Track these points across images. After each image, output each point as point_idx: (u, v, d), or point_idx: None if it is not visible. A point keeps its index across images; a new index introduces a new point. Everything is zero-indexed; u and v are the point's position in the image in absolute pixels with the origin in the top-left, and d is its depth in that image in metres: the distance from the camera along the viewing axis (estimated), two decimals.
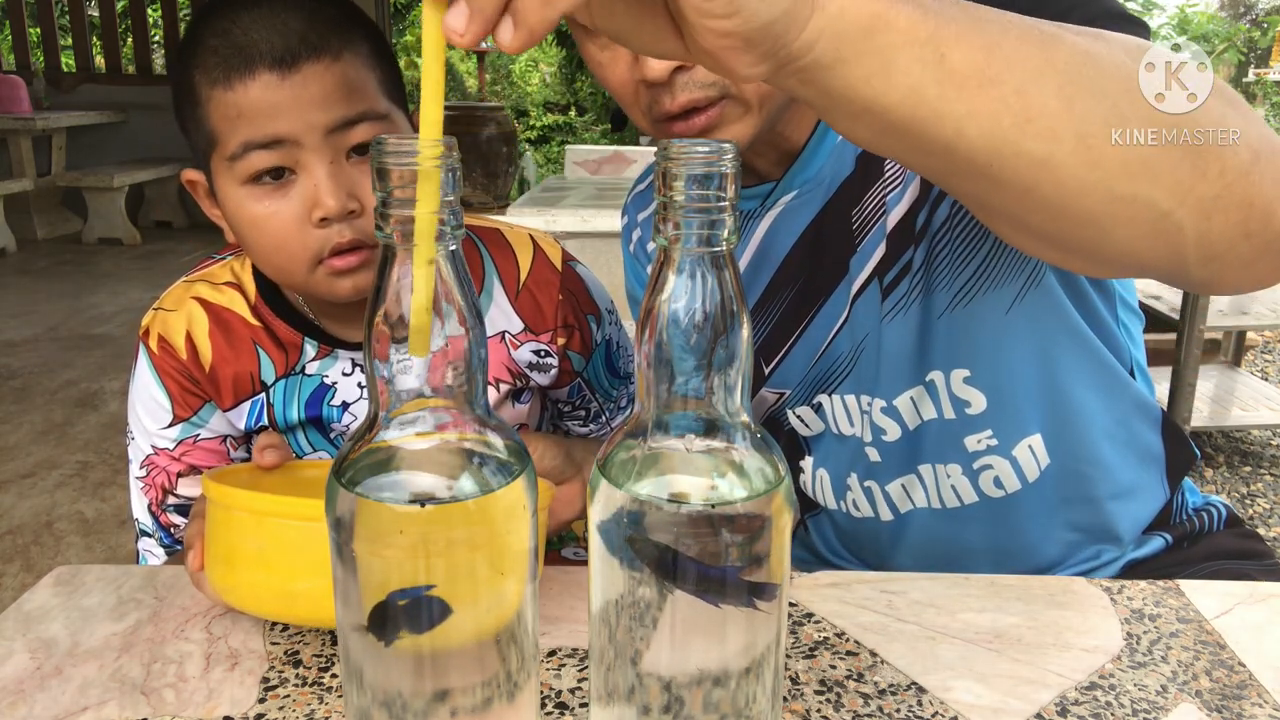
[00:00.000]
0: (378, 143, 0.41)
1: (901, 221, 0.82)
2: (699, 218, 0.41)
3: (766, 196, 0.88)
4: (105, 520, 2.61)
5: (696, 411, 0.44)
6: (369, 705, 0.46)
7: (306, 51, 0.76)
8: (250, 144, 0.77)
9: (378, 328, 0.43)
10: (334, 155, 0.78)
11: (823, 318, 0.89)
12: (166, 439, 0.91)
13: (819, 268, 0.88)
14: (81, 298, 4.88)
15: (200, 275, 0.94)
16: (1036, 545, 0.91)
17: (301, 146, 0.77)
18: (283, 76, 0.76)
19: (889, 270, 0.83)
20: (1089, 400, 0.87)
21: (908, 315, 0.84)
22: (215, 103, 0.78)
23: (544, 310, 0.95)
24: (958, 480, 0.88)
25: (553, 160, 8.64)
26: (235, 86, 0.76)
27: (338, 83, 0.78)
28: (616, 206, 2.61)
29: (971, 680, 0.66)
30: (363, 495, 0.43)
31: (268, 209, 0.79)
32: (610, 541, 0.45)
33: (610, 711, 0.47)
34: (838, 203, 0.85)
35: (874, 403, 0.88)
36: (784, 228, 0.88)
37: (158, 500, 0.92)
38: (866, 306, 0.85)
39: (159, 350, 0.91)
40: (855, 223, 0.84)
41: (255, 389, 0.91)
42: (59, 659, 0.68)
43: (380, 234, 0.41)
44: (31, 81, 6.37)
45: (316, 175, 0.78)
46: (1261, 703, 0.64)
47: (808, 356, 0.91)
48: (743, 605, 0.44)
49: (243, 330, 0.91)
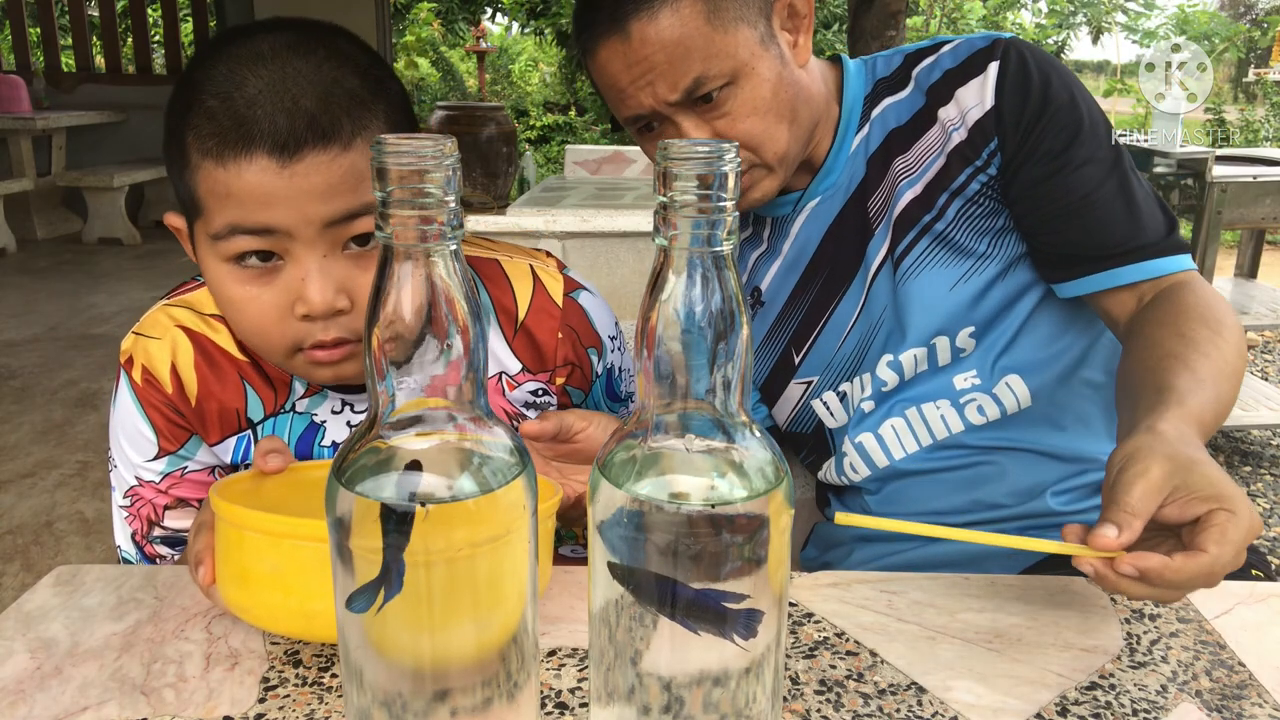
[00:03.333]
0: (378, 142, 0.41)
1: (907, 208, 0.98)
2: (699, 218, 0.41)
3: (797, 202, 1.04)
4: (105, 520, 2.60)
5: (696, 411, 0.44)
6: (369, 705, 0.46)
7: (313, 139, 0.69)
8: (237, 228, 0.71)
9: (377, 328, 0.43)
10: (328, 248, 0.72)
11: (845, 303, 1.02)
12: (152, 472, 0.88)
13: (842, 256, 1.02)
14: (81, 298, 4.87)
15: (183, 301, 0.89)
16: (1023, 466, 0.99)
17: (293, 238, 0.71)
18: (283, 165, 0.69)
19: (897, 246, 0.98)
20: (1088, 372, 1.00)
21: (919, 281, 0.97)
22: (205, 174, 0.71)
23: (543, 350, 0.91)
24: (946, 412, 0.99)
25: (553, 160, 8.63)
26: (229, 164, 0.69)
27: (344, 174, 0.70)
28: (616, 206, 2.61)
29: (971, 680, 0.66)
30: (362, 495, 0.43)
31: (249, 293, 0.73)
32: (610, 541, 0.45)
33: (610, 711, 0.47)
34: (856, 199, 1.01)
35: (883, 356, 1.00)
36: (813, 226, 1.04)
37: (142, 532, 0.89)
38: (883, 284, 1.00)
39: (142, 382, 0.86)
40: (871, 212, 1.01)
41: (241, 425, 0.87)
42: (59, 659, 0.68)
43: (380, 234, 0.41)
44: (31, 81, 6.37)
45: (306, 268, 0.71)
46: (1261, 703, 0.64)
47: (833, 341, 1.03)
48: (722, 636, 0.44)
49: (229, 365, 0.86)
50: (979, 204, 0.97)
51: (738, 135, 0.91)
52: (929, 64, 0.99)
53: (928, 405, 1.00)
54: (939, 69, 0.98)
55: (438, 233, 0.41)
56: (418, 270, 0.42)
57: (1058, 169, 0.93)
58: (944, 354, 0.98)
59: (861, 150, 1.01)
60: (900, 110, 1.00)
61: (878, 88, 1.02)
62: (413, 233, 0.41)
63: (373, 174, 0.41)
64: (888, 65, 1.03)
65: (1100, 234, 0.93)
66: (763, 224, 1.08)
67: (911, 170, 0.98)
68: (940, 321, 0.98)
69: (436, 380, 0.44)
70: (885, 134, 1.00)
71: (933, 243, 0.97)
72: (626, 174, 3.34)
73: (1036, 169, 0.94)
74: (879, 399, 1.01)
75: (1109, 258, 0.93)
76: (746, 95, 0.91)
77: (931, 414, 1.00)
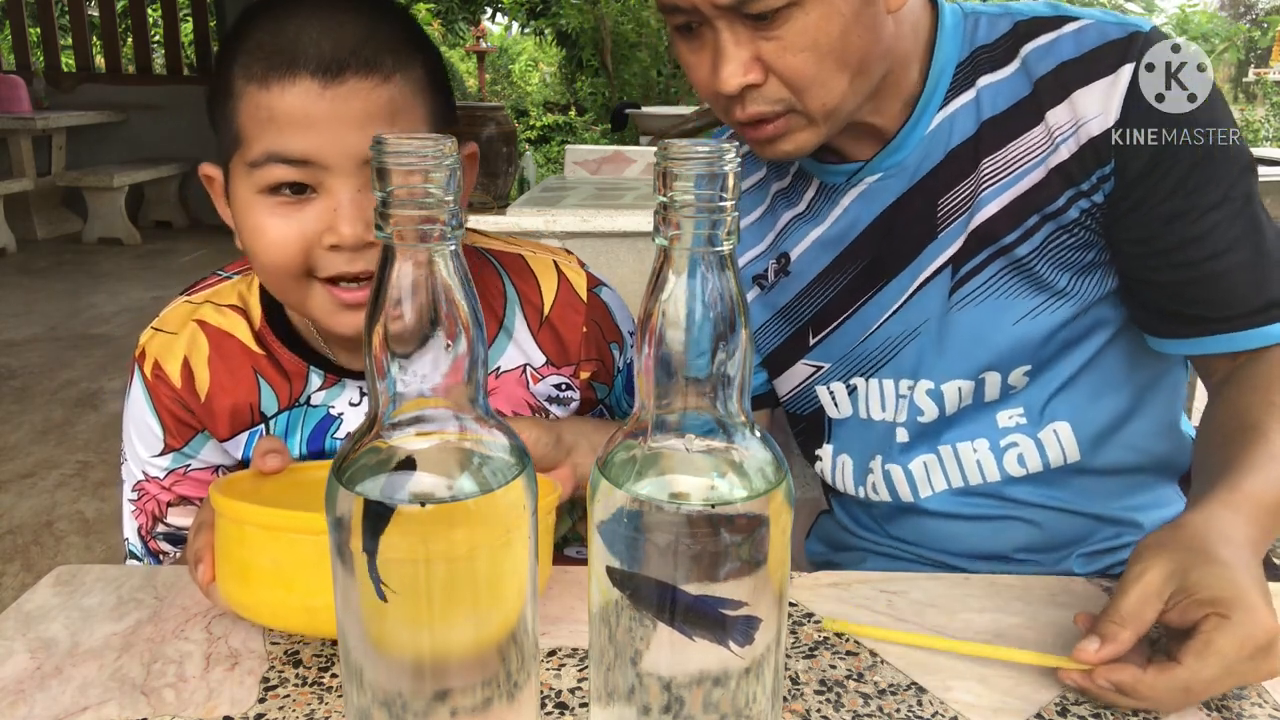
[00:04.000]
0: (377, 141, 0.41)
1: (989, 221, 0.84)
2: (700, 218, 0.41)
3: (853, 174, 0.89)
4: (105, 520, 2.60)
5: (696, 411, 0.44)
6: (369, 705, 0.46)
7: (356, 65, 0.71)
8: (274, 156, 0.72)
9: (378, 327, 0.43)
10: (362, 183, 0.73)
11: (883, 297, 0.90)
12: (157, 467, 0.88)
13: (891, 249, 0.89)
14: (81, 298, 4.87)
15: (205, 295, 0.89)
16: (1055, 520, 0.92)
17: (329, 169, 0.72)
18: (325, 86, 0.70)
19: (965, 263, 0.86)
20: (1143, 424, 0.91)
21: (981, 309, 0.86)
22: (248, 100, 0.73)
23: (568, 344, 0.91)
24: (983, 456, 0.90)
25: (553, 160, 8.63)
26: (272, 87, 0.71)
27: (382, 106, 0.72)
28: (616, 206, 2.61)
29: (971, 680, 0.66)
30: (362, 495, 0.43)
31: (277, 222, 0.74)
32: (610, 541, 0.45)
33: (610, 711, 0.47)
34: (924, 187, 0.87)
35: (918, 385, 0.90)
36: (865, 206, 0.90)
37: (147, 527, 0.90)
38: (936, 291, 0.87)
39: (153, 377, 0.86)
40: (941, 211, 0.86)
41: (254, 420, 0.87)
42: (59, 659, 0.68)
43: (380, 234, 0.41)
44: (31, 81, 6.37)
45: (339, 199, 0.72)
46: (1261, 703, 0.64)
47: (857, 333, 0.92)
48: (719, 643, 0.44)
49: (243, 358, 0.86)
50: (1073, 234, 0.83)
51: (784, 69, 0.77)
52: (1044, 45, 0.82)
53: (964, 445, 0.90)
54: (1055, 56, 0.82)
55: (438, 233, 0.41)
56: (418, 270, 0.42)
57: (1183, 211, 0.80)
58: (992, 390, 0.88)
59: (944, 133, 0.86)
60: (999, 95, 0.84)
61: (976, 56, 0.85)
62: (413, 232, 0.41)
63: (372, 174, 0.41)
64: (991, 29, 0.86)
65: (1225, 293, 0.81)
66: (805, 182, 0.94)
67: (1000, 176, 0.84)
68: (994, 357, 0.87)
69: (437, 380, 0.44)
70: (978, 123, 0.84)
71: (1007, 267, 0.84)
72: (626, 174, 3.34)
73: (1159, 208, 0.80)
74: (914, 430, 0.92)
75: (1228, 319, 0.81)
76: (810, 25, 0.75)
77: (967, 455, 0.90)
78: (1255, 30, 9.62)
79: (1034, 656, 0.66)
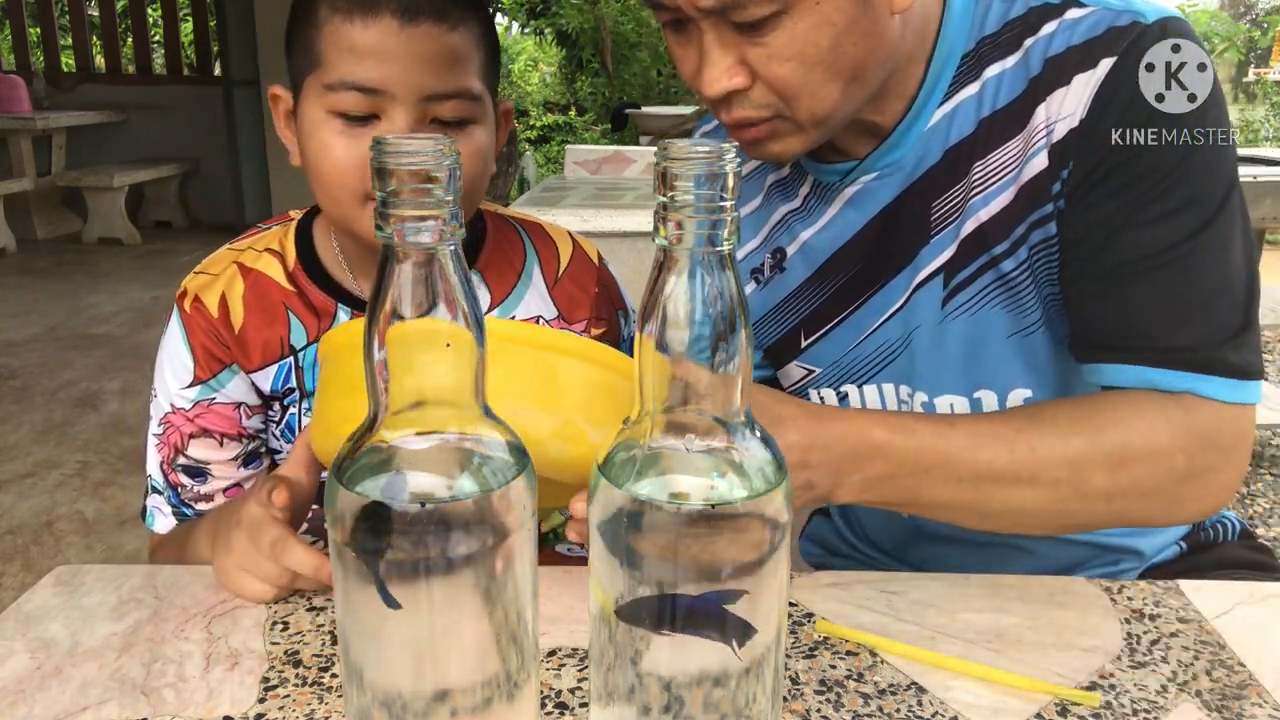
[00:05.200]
0: (377, 142, 0.41)
1: (980, 229, 0.79)
2: (700, 218, 0.41)
3: (847, 173, 0.86)
4: (105, 520, 2.60)
5: (696, 411, 0.44)
6: (369, 705, 0.46)
7: (429, 12, 0.80)
8: (350, 83, 0.80)
9: (377, 326, 0.43)
10: (419, 118, 0.81)
11: (876, 303, 0.87)
12: (185, 399, 0.93)
13: (884, 253, 0.85)
14: (81, 298, 4.87)
15: (247, 242, 0.96)
16: (1053, 548, 0.91)
17: (395, 100, 0.80)
18: (402, 27, 0.79)
19: (958, 272, 0.81)
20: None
21: (974, 321, 0.82)
22: (331, 29, 0.81)
23: (579, 301, 0.99)
24: None
25: (553, 160, 8.63)
26: (356, 21, 0.79)
27: (448, 51, 0.81)
28: (616, 206, 2.61)
29: (971, 680, 0.66)
30: (363, 495, 0.43)
31: (341, 142, 0.82)
32: (610, 541, 0.45)
33: (610, 711, 0.47)
34: (919, 190, 0.82)
35: (915, 395, 0.87)
36: (859, 206, 0.86)
37: (169, 459, 0.94)
38: (928, 299, 0.84)
39: (191, 310, 0.92)
40: (935, 214, 0.82)
41: (284, 352, 0.93)
42: (59, 659, 0.68)
43: (380, 234, 0.41)
44: (31, 81, 6.37)
45: (398, 127, 0.81)
46: (1261, 703, 0.64)
47: (849, 338, 0.89)
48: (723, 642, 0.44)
49: (276, 295, 0.93)
50: (1054, 247, 0.77)
51: (771, 77, 0.72)
52: (1045, 36, 0.76)
53: None
54: (1051, 48, 0.75)
55: (439, 232, 0.41)
56: (418, 270, 0.42)
57: (1119, 217, 0.73)
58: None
59: (943, 130, 0.80)
60: (1001, 89, 0.78)
61: (982, 47, 0.79)
62: (413, 232, 0.41)
63: (372, 174, 0.41)
64: (1004, 13, 0.79)
65: (1134, 316, 0.73)
66: (802, 177, 0.90)
67: (990, 181, 0.78)
68: (987, 374, 0.82)
69: (437, 380, 0.44)
70: (978, 121, 0.79)
71: (997, 281, 0.80)
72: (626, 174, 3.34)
73: (1098, 210, 0.74)
74: None
75: (1126, 349, 0.73)
76: (798, 34, 0.70)
77: None
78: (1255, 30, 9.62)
79: (1026, 681, 0.64)
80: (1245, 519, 2.65)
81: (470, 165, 0.84)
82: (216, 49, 6.71)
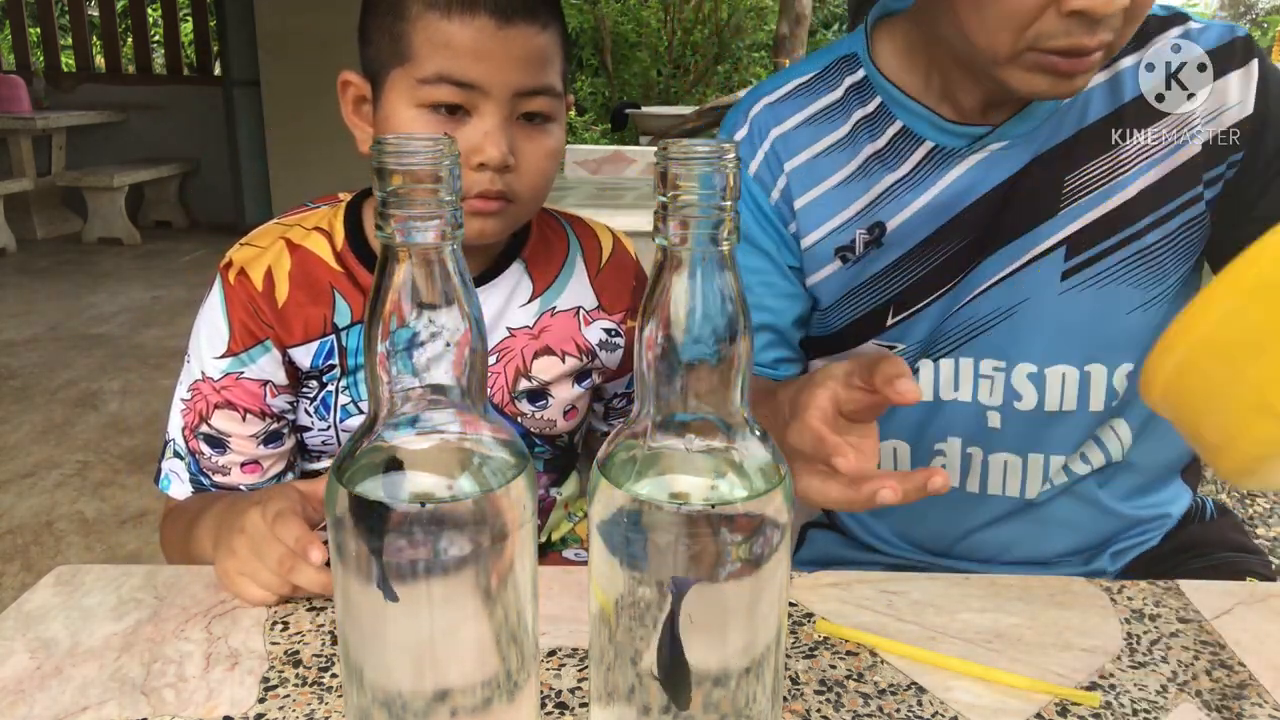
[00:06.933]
0: (378, 142, 0.41)
1: (1127, 205, 0.85)
2: (700, 218, 0.41)
3: (977, 139, 0.86)
4: (105, 520, 2.60)
5: (696, 411, 0.44)
6: (369, 705, 0.46)
7: (524, 13, 0.82)
8: (446, 77, 0.81)
9: (378, 327, 0.43)
10: (508, 113, 0.83)
11: (976, 275, 0.88)
12: (216, 369, 0.93)
13: (1000, 223, 0.86)
14: (81, 298, 4.87)
15: (295, 219, 0.96)
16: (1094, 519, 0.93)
17: (487, 95, 0.81)
18: (499, 27, 0.80)
19: (1088, 245, 0.85)
20: None
21: (1100, 294, 0.86)
22: (425, 23, 0.81)
23: (620, 292, 1.00)
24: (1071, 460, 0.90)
25: None
26: (454, 18, 0.80)
27: (538, 50, 0.83)
28: (616, 206, 2.61)
29: (971, 680, 0.66)
30: (363, 495, 0.43)
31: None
32: (610, 541, 0.45)
33: (610, 711, 0.47)
34: (1048, 161, 0.86)
35: (1016, 367, 0.88)
36: (982, 175, 0.87)
37: (192, 425, 0.94)
38: (1047, 270, 0.86)
39: (235, 280, 0.92)
40: (1067, 187, 0.86)
41: (326, 330, 0.93)
42: (59, 659, 0.68)
43: (381, 234, 0.41)
44: (31, 81, 6.36)
45: (488, 124, 0.82)
46: (1261, 703, 0.64)
47: (941, 313, 0.89)
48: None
49: (323, 275, 0.92)
50: (1200, 224, 0.86)
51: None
52: (1175, 37, 0.86)
53: (1034, 456, 0.90)
54: (1188, 49, 0.85)
55: (439, 232, 0.41)
56: (419, 270, 0.42)
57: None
58: (1097, 393, 0.88)
59: (1078, 109, 0.86)
60: (1134, 79, 0.86)
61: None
62: (414, 232, 0.41)
63: (372, 174, 0.41)
64: None
65: None
66: (911, 144, 0.88)
67: (1138, 160, 0.85)
68: (1103, 347, 0.87)
69: (438, 380, 0.44)
70: (1115, 104, 0.86)
71: (1135, 254, 0.85)
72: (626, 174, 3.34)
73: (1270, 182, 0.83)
74: (1008, 416, 0.90)
75: None
76: None
77: (1035, 465, 0.91)
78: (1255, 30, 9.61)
79: (1025, 681, 0.65)
80: (1245, 519, 2.65)
81: (547, 163, 0.86)
82: (216, 49, 6.71)
